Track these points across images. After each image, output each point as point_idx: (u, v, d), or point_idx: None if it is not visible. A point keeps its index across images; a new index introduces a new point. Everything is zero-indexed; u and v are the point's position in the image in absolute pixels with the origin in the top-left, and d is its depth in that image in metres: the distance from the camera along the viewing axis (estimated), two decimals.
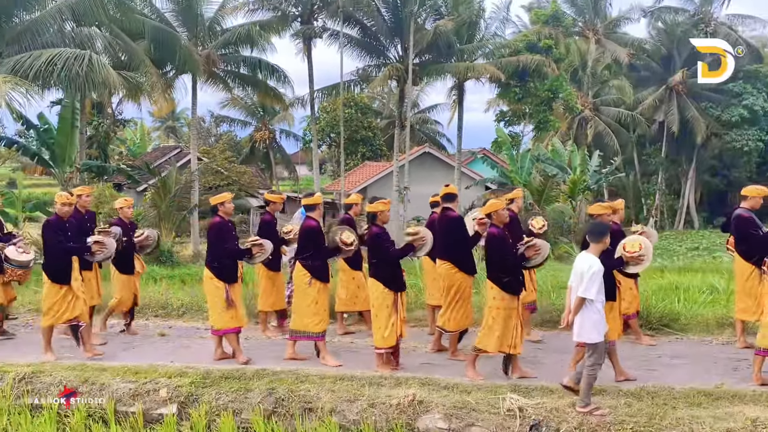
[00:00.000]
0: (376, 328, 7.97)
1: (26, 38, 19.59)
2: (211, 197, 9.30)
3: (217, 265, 8.60)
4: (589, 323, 6.17)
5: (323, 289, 8.49)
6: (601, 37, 44.53)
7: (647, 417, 6.18)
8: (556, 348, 8.41)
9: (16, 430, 6.96)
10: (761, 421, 6.00)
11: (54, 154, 21.82)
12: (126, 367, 8.06)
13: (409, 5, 29.67)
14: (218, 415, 6.82)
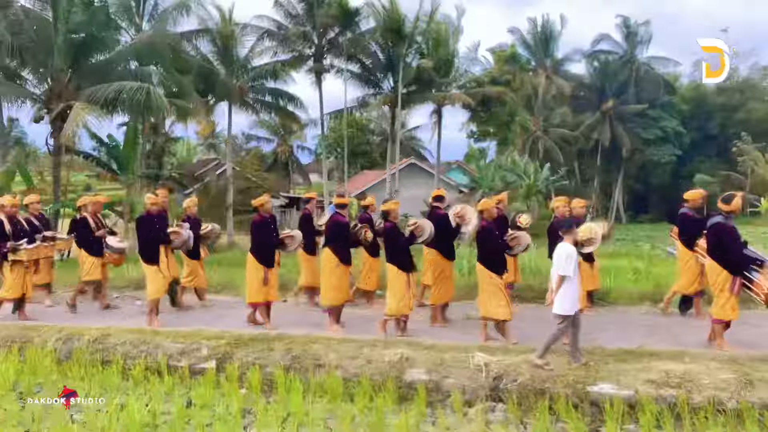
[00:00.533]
0: (390, 299, 7.84)
1: (100, 74, 19.54)
2: (252, 199, 9.20)
3: (258, 253, 8.54)
4: (569, 298, 6.25)
5: (346, 271, 8.46)
6: (550, 73, 44.54)
7: (585, 370, 6.20)
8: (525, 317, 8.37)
9: (90, 379, 6.96)
10: (673, 372, 6.03)
11: (120, 164, 21.75)
12: (176, 331, 8.06)
13: (399, 47, 29.85)
14: (248, 369, 6.83)
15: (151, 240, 8.75)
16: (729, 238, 7.26)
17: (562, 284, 6.24)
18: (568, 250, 6.37)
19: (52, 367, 7.28)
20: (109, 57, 20.39)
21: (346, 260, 8.40)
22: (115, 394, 6.48)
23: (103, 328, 8.16)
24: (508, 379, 6.22)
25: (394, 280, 7.87)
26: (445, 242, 8.54)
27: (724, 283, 7.14)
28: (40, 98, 19.70)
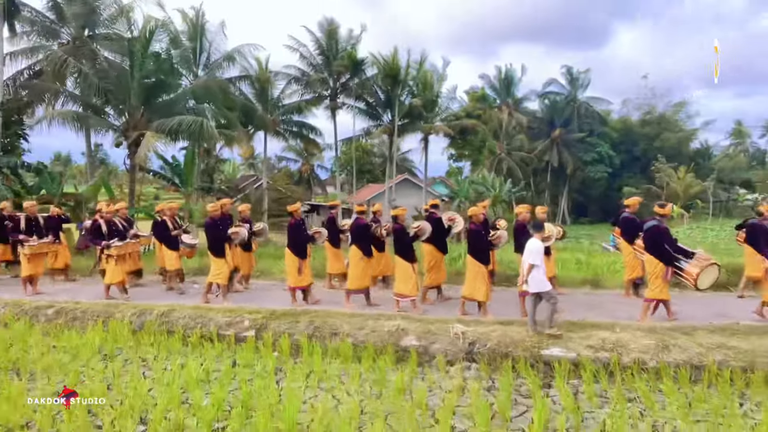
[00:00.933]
0: (401, 283, 7.87)
1: (165, 110, 19.58)
2: (285, 207, 9.42)
3: (294, 247, 8.54)
4: (539, 281, 6.26)
5: (368, 262, 8.41)
6: (511, 110, 44.64)
7: (539, 339, 6.21)
8: (502, 299, 8.35)
9: (158, 345, 6.97)
10: (607, 339, 6.04)
11: (181, 179, 21.74)
12: (224, 307, 8.05)
13: (395, 89, 30.01)
14: (280, 336, 6.84)
15: (217, 239, 8.73)
16: (663, 237, 7.26)
17: (532, 271, 6.25)
18: (537, 245, 6.37)
19: (129, 335, 7.30)
20: (173, 97, 20.46)
21: (368, 254, 8.37)
22: (177, 357, 6.52)
23: (169, 305, 8.18)
24: (480, 345, 6.23)
25: (402, 268, 7.88)
26: (439, 239, 8.53)
27: (659, 272, 7.15)
28: (119, 128, 19.72)
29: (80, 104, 19.73)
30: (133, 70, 18.67)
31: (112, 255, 9.11)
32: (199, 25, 24.05)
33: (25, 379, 5.81)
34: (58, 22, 20.27)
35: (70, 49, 19.35)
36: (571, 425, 4.58)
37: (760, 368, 5.48)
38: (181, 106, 20.15)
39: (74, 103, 19.85)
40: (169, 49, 21.90)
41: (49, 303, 8.60)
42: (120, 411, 4.80)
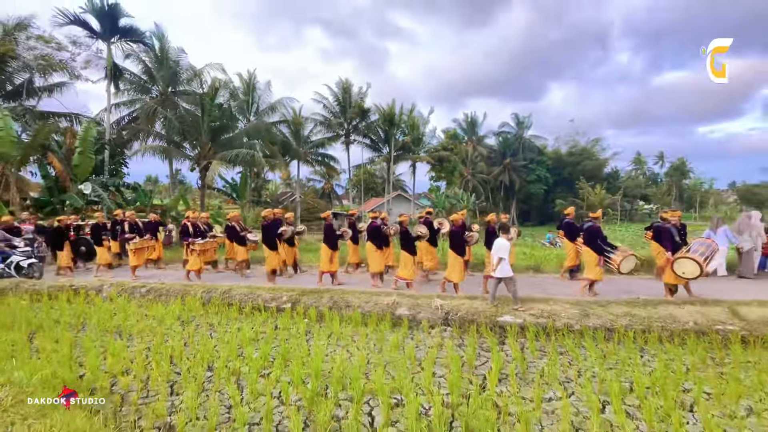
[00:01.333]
0: (402, 269, 7.83)
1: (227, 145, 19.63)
2: (319, 214, 9.39)
3: (328, 242, 8.53)
4: (504, 269, 6.23)
5: (381, 253, 8.33)
6: (475, 144, 44.66)
7: (496, 309, 6.18)
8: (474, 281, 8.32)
9: (221, 314, 6.94)
10: (544, 309, 6.02)
11: (238, 194, 21.74)
12: (268, 286, 7.99)
13: (391, 130, 30.19)
14: (309, 308, 6.79)
15: (270, 236, 8.73)
16: (597, 234, 7.32)
17: (500, 262, 6.24)
18: (504, 242, 6.36)
19: (200, 307, 7.25)
20: (232, 135, 20.48)
21: (380, 248, 8.29)
22: (235, 323, 6.48)
23: (229, 285, 8.13)
24: (453, 314, 6.21)
25: (405, 258, 7.82)
26: (432, 237, 8.57)
27: (594, 260, 7.22)
28: (193, 158, 19.75)
29: (165, 141, 19.79)
30: (203, 117, 18.74)
31: (195, 249, 9.18)
32: (252, 84, 24.17)
33: (125, 338, 5.80)
34: (149, 82, 20.37)
35: (158, 101, 19.41)
36: (519, 371, 4.58)
37: (655, 330, 5.49)
38: (238, 142, 20.19)
39: (161, 140, 19.91)
40: (230, 101, 21.97)
41: (142, 284, 8.59)
42: (193, 362, 4.79)
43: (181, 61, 20.68)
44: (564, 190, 48.56)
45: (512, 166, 46.01)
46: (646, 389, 4.03)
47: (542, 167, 46.79)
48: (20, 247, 9.67)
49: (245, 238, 9.68)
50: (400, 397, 3.97)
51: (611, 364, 4.73)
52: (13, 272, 9.31)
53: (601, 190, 44.17)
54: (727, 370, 4.50)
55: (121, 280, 9.02)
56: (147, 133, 19.63)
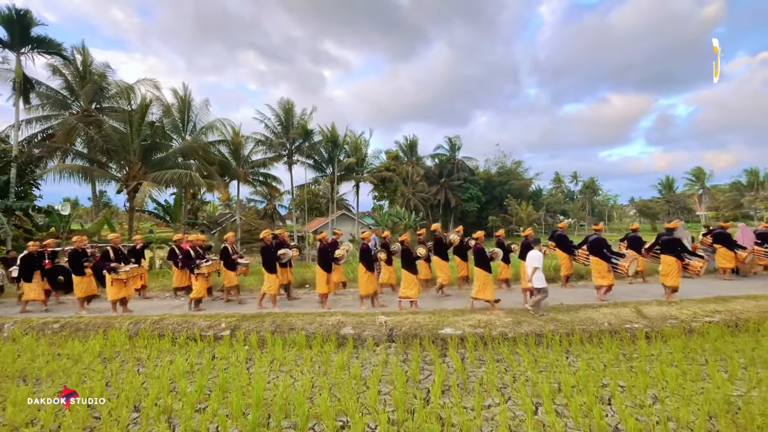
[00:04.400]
0: (405, 289, 7.26)
1: (159, 165, 18.27)
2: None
3: (322, 265, 7.78)
4: (539, 279, 6.37)
5: (372, 275, 7.60)
6: (414, 164, 46.19)
7: (438, 319, 6.29)
8: None
9: (153, 347, 6.26)
10: (481, 320, 6.24)
11: (171, 217, 20.20)
12: (205, 314, 7.42)
13: (335, 151, 30.24)
14: (249, 334, 6.40)
15: (269, 258, 7.90)
16: (603, 244, 7.62)
17: (536, 272, 6.35)
18: (538, 254, 6.47)
19: (125, 341, 6.51)
20: (165, 155, 19.16)
21: (371, 269, 7.58)
22: (167, 355, 5.91)
23: (161, 315, 7.40)
24: (397, 329, 6.21)
25: (408, 278, 7.31)
26: (442, 252, 8.70)
27: (604, 268, 7.52)
28: (120, 179, 18.07)
29: (86, 160, 17.92)
30: (132, 134, 17.36)
31: (203, 273, 8.19)
32: (187, 101, 22.90)
33: (31, 383, 4.99)
34: (69, 97, 18.47)
35: (80, 117, 17.63)
36: (461, 381, 4.67)
37: (577, 333, 5.94)
38: (172, 162, 18.92)
39: (81, 159, 18.00)
40: (162, 119, 20.62)
41: (55, 319, 7.52)
42: (116, 402, 4.25)
43: (108, 77, 19.09)
44: (495, 207, 51.72)
45: (448, 185, 48.18)
46: (572, 388, 4.32)
47: (475, 186, 49.52)
48: None
49: (235, 262, 8.93)
50: (345, 419, 3.85)
51: (542, 368, 5.01)
52: None
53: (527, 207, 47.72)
54: (636, 364, 4.98)
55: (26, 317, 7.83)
56: (65, 151, 17.63)
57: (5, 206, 13.43)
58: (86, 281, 8.27)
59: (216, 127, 23.22)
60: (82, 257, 8.27)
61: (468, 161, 51.28)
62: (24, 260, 8.73)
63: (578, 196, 67.22)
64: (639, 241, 9.27)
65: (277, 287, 7.94)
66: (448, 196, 47.84)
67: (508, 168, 55.52)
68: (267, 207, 40.40)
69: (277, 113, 28.47)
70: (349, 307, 7.79)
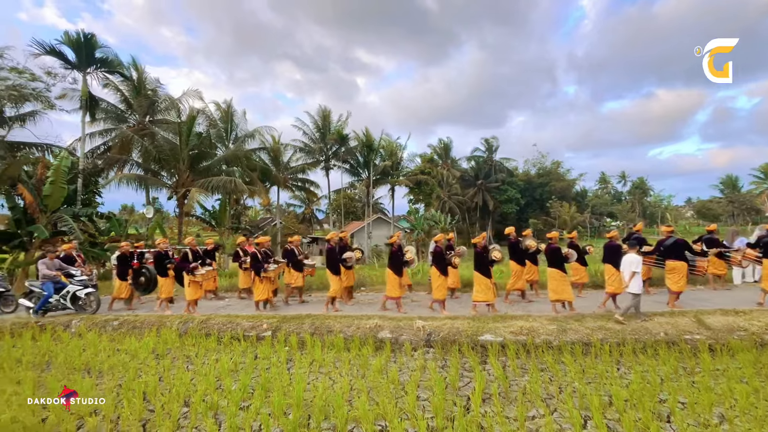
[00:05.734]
0: (478, 293, 7.04)
1: (206, 172, 19.36)
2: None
3: (393, 268, 7.59)
4: (637, 284, 6.05)
5: (446, 279, 7.51)
6: (449, 167, 45.70)
7: (477, 325, 6.17)
8: None
9: (200, 346, 6.61)
10: (523, 326, 6.03)
11: (217, 221, 21.29)
12: (247, 314, 7.72)
13: (371, 155, 30.60)
14: (290, 335, 6.59)
15: (334, 260, 7.87)
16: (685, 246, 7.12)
17: (634, 276, 6.04)
18: (636, 258, 6.05)
19: (176, 339, 6.90)
20: (211, 163, 20.27)
21: (445, 273, 7.44)
22: (213, 354, 6.20)
23: (207, 315, 7.79)
24: (435, 334, 6.14)
25: (482, 282, 7.08)
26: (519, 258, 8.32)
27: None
28: (171, 186, 19.32)
29: (141, 169, 19.33)
30: (182, 144, 18.49)
31: (269, 276, 8.27)
32: (229, 112, 24.13)
33: (94, 376, 5.43)
34: (126, 111, 20.05)
35: (135, 130, 19.08)
36: (502, 390, 4.53)
37: (629, 342, 5.57)
38: (217, 170, 19.98)
39: (137, 168, 19.44)
40: (208, 129, 21.85)
41: (115, 316, 8.14)
42: (168, 397, 4.51)
43: (159, 91, 20.52)
44: (536, 210, 49.92)
45: (485, 187, 47.16)
46: (625, 402, 4.05)
47: (513, 188, 48.11)
48: (77, 276, 8.66)
49: (302, 264, 8.93)
50: (384, 423, 3.84)
51: (590, 378, 4.74)
52: (69, 303, 8.39)
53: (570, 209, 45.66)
54: (698, 379, 4.59)
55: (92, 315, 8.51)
56: (123, 161, 19.13)
57: (73, 213, 14.75)
58: (169, 282, 8.58)
59: (260, 132, 24.35)
60: (165, 259, 8.53)
61: (506, 162, 50.00)
62: (119, 259, 9.16)
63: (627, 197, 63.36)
64: (716, 243, 8.51)
65: (340, 289, 7.90)
66: (485, 199, 46.83)
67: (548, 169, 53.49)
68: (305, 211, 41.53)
69: (315, 120, 29.30)
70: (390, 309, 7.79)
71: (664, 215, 62.07)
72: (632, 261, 6.12)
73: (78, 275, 8.74)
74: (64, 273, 8.64)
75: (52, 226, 13.77)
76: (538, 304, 7.90)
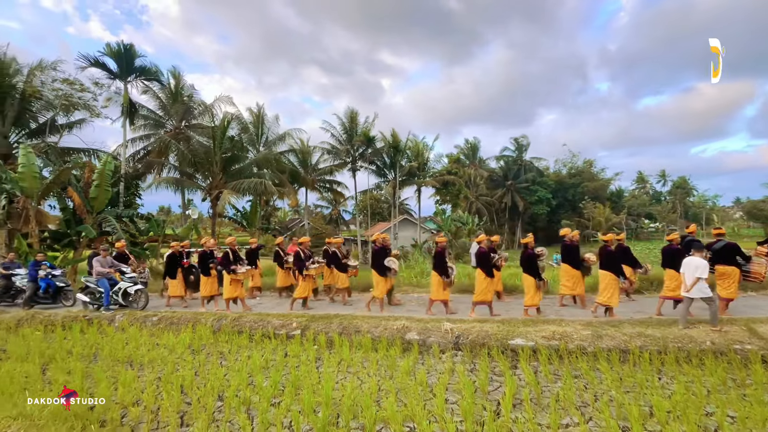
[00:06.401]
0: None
1: (237, 174, 20.02)
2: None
3: (439, 270, 7.29)
4: (704, 289, 5.66)
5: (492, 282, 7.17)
6: (477, 167, 45.01)
7: (507, 330, 6.02)
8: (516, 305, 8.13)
9: (233, 342, 6.82)
10: (556, 331, 5.85)
11: (248, 222, 21.94)
12: (278, 313, 7.90)
13: (397, 156, 30.56)
14: (319, 334, 6.68)
15: (380, 261, 7.75)
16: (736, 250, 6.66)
17: (698, 282, 5.62)
18: (702, 261, 5.65)
19: (210, 335, 7.18)
20: (242, 165, 20.92)
21: (491, 275, 7.06)
22: (245, 351, 6.39)
23: (239, 313, 8.04)
24: (464, 337, 6.06)
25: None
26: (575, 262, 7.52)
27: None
28: (205, 188, 20.11)
29: (178, 172, 20.22)
30: (215, 148, 19.20)
31: (311, 274, 8.42)
32: (261, 116, 24.85)
33: (136, 368, 5.73)
34: (164, 117, 21.05)
35: (172, 135, 19.99)
36: (534, 396, 4.41)
37: (671, 351, 5.29)
38: (248, 172, 20.61)
39: (174, 171, 20.35)
40: (240, 133, 22.58)
41: (154, 312, 8.55)
42: (203, 391, 4.69)
43: (194, 96, 21.43)
44: (568, 211, 48.31)
45: (515, 187, 46.12)
46: (667, 413, 3.84)
47: (543, 188, 46.76)
48: (128, 273, 9.16)
49: (347, 265, 9.00)
50: (412, 425, 3.83)
51: (628, 387, 4.53)
52: (120, 299, 8.90)
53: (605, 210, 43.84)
54: (750, 392, 4.28)
55: (130, 310, 8.96)
56: (161, 165, 20.09)
57: (116, 214, 15.66)
58: (211, 281, 8.76)
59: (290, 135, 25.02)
60: (209, 258, 8.69)
61: (537, 162, 48.69)
62: (169, 258, 9.48)
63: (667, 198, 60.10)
64: None
65: (385, 291, 7.85)
66: (515, 199, 45.79)
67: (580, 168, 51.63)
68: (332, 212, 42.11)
69: (342, 122, 29.62)
70: (414, 312, 7.77)
71: (709, 216, 58.44)
72: (698, 265, 5.66)
73: (128, 272, 9.17)
74: (116, 269, 9.09)
75: (97, 226, 14.66)
76: (572, 308, 7.64)
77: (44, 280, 9.68)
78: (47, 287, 9.72)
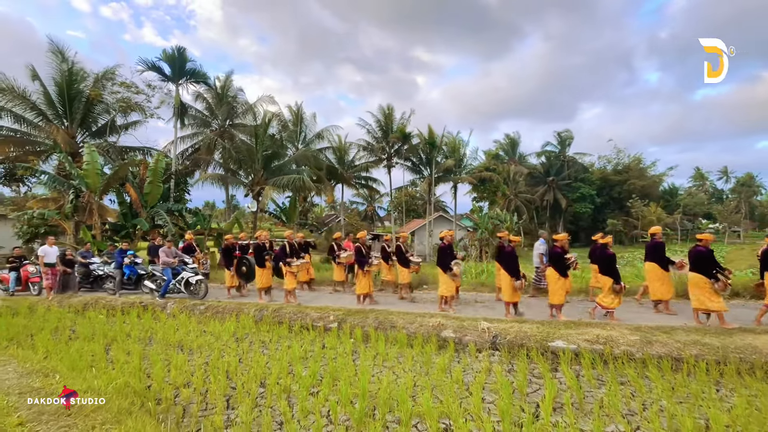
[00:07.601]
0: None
1: (278, 171, 20.68)
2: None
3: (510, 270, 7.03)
4: None
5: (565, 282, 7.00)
6: (516, 163, 43.63)
7: (548, 330, 5.85)
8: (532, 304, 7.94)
9: (273, 332, 7.09)
10: (600, 335, 5.59)
11: (287, 217, 22.64)
12: (316, 306, 8.13)
13: (433, 153, 30.20)
14: (355, 327, 6.79)
15: (447, 260, 7.59)
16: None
17: None
18: None
19: (252, 325, 7.50)
20: (282, 162, 21.59)
21: (565, 275, 6.99)
22: (285, 341, 6.62)
23: (279, 305, 8.34)
24: (501, 337, 5.94)
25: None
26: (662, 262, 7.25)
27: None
28: (247, 184, 20.97)
29: (223, 169, 21.22)
30: (257, 146, 19.95)
31: (371, 270, 8.47)
32: (300, 115, 25.50)
33: (186, 352, 6.11)
34: (210, 117, 22.14)
35: (218, 133, 21.00)
36: (575, 400, 4.25)
37: (732, 362, 4.90)
38: (288, 169, 21.25)
39: (219, 168, 21.38)
40: (281, 132, 23.30)
41: (201, 301, 9.05)
42: (247, 377, 4.93)
43: (238, 97, 22.37)
44: (614, 210, 45.76)
45: (557, 184, 44.33)
46: (726, 427, 3.57)
47: (587, 185, 44.56)
48: (191, 264, 9.59)
49: (409, 261, 9.01)
50: (448, 422, 3.82)
51: (681, 398, 4.26)
52: (182, 288, 9.47)
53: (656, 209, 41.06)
54: None
55: (182, 299, 9.54)
56: (207, 162, 21.19)
57: (167, 208, 16.72)
58: (266, 273, 8.98)
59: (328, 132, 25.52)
60: (264, 251, 8.92)
61: (580, 157, 46.50)
62: (224, 251, 9.82)
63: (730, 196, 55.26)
64: None
65: (453, 289, 7.70)
66: (557, 197, 44.04)
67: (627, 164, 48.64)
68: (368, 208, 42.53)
69: (378, 119, 29.75)
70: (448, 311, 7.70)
71: None
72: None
73: (190, 263, 9.69)
74: (179, 260, 9.64)
75: (150, 219, 15.74)
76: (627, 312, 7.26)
77: (128, 267, 10.43)
78: (130, 274, 10.49)
